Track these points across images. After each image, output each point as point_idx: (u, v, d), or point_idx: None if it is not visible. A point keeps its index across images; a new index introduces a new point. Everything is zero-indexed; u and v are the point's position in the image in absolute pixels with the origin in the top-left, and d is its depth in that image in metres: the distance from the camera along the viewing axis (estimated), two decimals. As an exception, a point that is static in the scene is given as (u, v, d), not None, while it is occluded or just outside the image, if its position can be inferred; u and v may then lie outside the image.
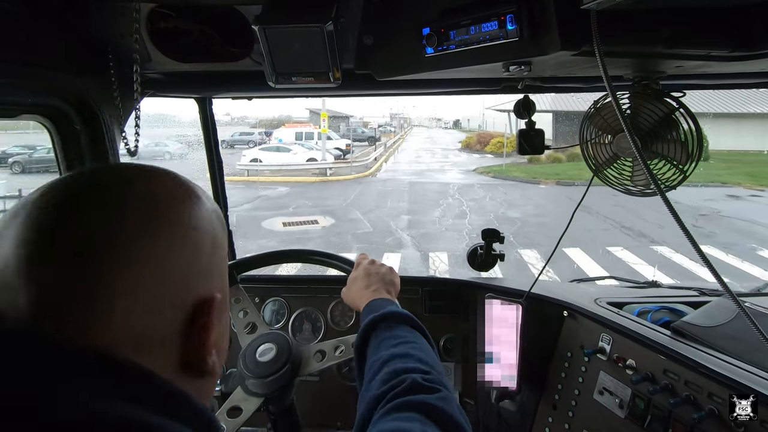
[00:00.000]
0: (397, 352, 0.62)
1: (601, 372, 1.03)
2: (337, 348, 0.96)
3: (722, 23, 0.69)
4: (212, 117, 1.41)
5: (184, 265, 0.37)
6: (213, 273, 0.40)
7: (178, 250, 0.36)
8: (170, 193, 0.39)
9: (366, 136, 31.62)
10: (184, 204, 0.39)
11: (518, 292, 1.23)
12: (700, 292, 1.27)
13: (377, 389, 0.56)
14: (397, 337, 0.67)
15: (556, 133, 19.64)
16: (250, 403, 0.90)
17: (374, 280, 0.87)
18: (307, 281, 1.44)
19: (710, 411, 0.81)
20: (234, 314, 1.07)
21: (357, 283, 0.89)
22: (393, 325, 0.70)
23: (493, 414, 1.28)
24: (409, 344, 0.64)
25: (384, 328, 0.70)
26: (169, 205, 0.38)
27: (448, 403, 0.51)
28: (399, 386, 0.54)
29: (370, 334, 0.70)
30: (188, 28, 0.90)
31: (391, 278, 0.90)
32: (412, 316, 0.73)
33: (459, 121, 65.69)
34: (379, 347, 0.66)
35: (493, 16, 0.70)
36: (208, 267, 0.39)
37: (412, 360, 0.60)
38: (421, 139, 40.96)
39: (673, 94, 0.85)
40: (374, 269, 0.91)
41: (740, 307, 0.65)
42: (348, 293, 0.91)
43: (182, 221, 0.38)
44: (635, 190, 0.93)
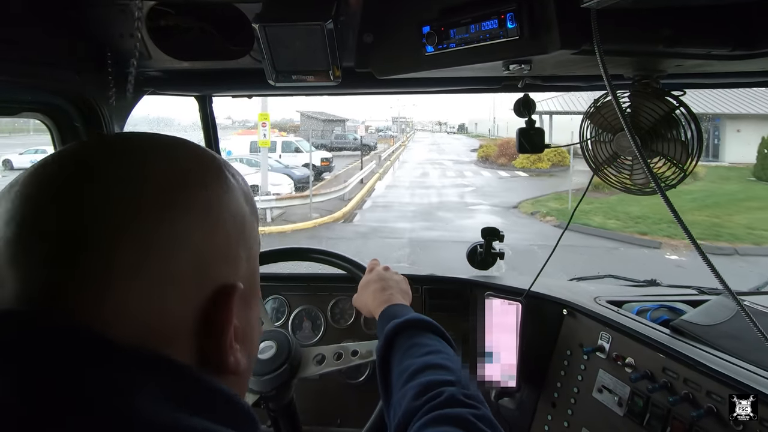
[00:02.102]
0: (430, 362, 0.60)
1: (601, 370, 1.04)
2: (336, 355, 0.95)
3: (723, 22, 0.69)
4: (212, 115, 1.40)
5: (204, 247, 0.33)
6: (237, 260, 0.36)
7: (197, 229, 0.33)
8: (193, 167, 0.35)
9: (353, 144, 25.42)
10: (209, 180, 0.35)
11: (518, 291, 1.23)
12: (699, 290, 1.27)
13: (412, 400, 0.54)
14: (425, 345, 0.65)
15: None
16: (246, 399, 0.90)
17: (390, 285, 0.86)
18: (308, 279, 1.44)
19: (709, 409, 0.81)
20: None
21: (371, 286, 0.87)
22: (418, 332, 0.68)
23: (492, 412, 1.28)
24: (440, 354, 0.63)
25: (409, 335, 0.68)
26: (192, 179, 0.34)
27: (485, 421, 0.51)
28: (436, 399, 0.53)
29: (394, 340, 0.68)
30: (188, 25, 0.90)
31: (406, 287, 0.89)
32: (435, 323, 0.71)
33: (465, 125, 64.15)
34: (407, 355, 0.64)
35: (494, 15, 0.70)
36: (232, 252, 0.36)
37: (448, 372, 0.58)
38: (425, 146, 34.68)
39: (673, 93, 0.85)
40: (389, 275, 0.90)
41: (740, 306, 0.65)
42: (360, 297, 0.89)
43: (204, 198, 0.34)
44: (635, 188, 0.93)
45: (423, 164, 21.36)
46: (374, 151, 25.10)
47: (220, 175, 0.36)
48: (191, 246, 0.32)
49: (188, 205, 0.33)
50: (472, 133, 53.68)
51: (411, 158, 24.74)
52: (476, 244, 1.40)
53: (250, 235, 0.39)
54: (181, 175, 0.34)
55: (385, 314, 0.77)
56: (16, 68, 0.82)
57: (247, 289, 0.37)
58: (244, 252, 0.37)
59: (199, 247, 0.33)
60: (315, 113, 32.43)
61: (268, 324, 1.03)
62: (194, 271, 0.32)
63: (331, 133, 29.58)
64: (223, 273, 0.34)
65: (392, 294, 0.83)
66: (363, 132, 23.16)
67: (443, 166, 20.58)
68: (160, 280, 0.30)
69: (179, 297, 0.31)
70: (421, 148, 32.26)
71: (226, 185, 0.36)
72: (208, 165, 0.36)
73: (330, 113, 34.12)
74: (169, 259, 0.31)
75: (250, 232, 0.39)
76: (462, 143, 35.66)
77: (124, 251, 0.29)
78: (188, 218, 0.32)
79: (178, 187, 0.33)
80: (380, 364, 0.67)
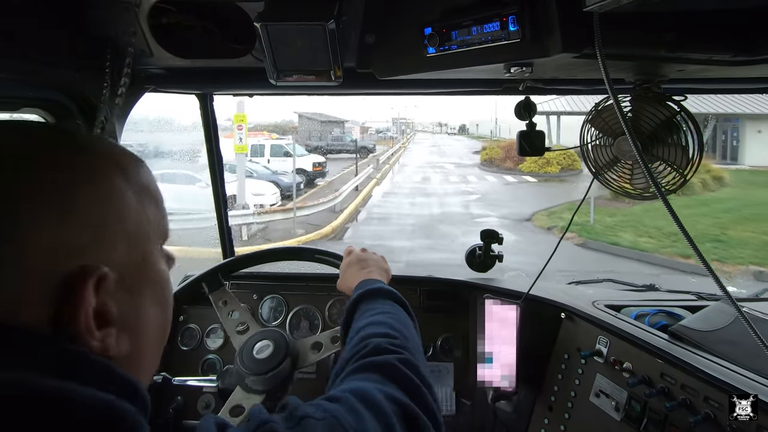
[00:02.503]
0: (372, 321, 0.65)
1: (598, 374, 1.03)
2: (333, 339, 0.97)
3: (725, 28, 0.69)
4: (213, 113, 1.40)
5: (50, 233, 0.33)
6: (108, 246, 0.36)
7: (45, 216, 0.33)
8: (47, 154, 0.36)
9: (351, 147, 23.02)
10: (60, 167, 0.36)
11: (516, 293, 1.23)
12: (698, 296, 1.27)
13: (346, 354, 0.58)
14: (376, 309, 0.69)
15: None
16: (251, 401, 0.90)
17: (369, 264, 0.90)
18: (305, 279, 1.44)
19: (706, 415, 0.81)
20: (223, 316, 1.09)
21: (351, 267, 0.91)
22: (379, 299, 0.73)
23: (489, 414, 1.28)
24: (386, 314, 0.67)
25: (367, 301, 0.73)
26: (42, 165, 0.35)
27: (408, 365, 0.52)
28: (363, 350, 0.56)
29: (357, 306, 0.73)
30: (190, 23, 0.90)
31: (385, 265, 0.93)
32: (396, 292, 0.75)
33: (465, 126, 63.78)
34: (361, 318, 0.68)
35: (495, 17, 0.70)
36: (105, 239, 0.36)
37: (383, 327, 0.62)
38: (426, 148, 32.85)
39: (674, 98, 0.85)
40: (367, 255, 0.94)
41: (739, 312, 0.65)
42: (342, 280, 0.92)
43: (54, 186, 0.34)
44: (635, 193, 0.93)
45: (423, 168, 19.79)
46: (372, 154, 23.94)
47: (78, 164, 0.37)
48: (41, 229, 0.33)
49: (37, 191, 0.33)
50: (473, 135, 52.63)
51: (411, 161, 23.02)
52: (475, 246, 1.41)
53: (136, 226, 0.39)
54: (31, 159, 0.35)
55: (358, 287, 0.80)
56: (18, 64, 0.82)
57: (129, 274, 0.38)
58: (122, 236, 0.38)
59: (50, 231, 0.33)
60: (313, 114, 31.76)
61: (255, 326, 1.04)
62: (45, 252, 0.33)
63: (329, 135, 27.95)
64: (81, 257, 0.34)
65: (371, 271, 0.87)
66: (359, 134, 21.25)
67: (445, 170, 18.97)
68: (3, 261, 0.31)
69: (28, 277, 0.32)
70: (421, 150, 30.80)
71: (85, 171, 0.37)
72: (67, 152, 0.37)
73: (329, 114, 33.25)
74: (9, 242, 0.32)
75: (136, 223, 0.39)
76: (463, 145, 33.62)
77: None
78: (34, 205, 0.33)
79: (25, 171, 0.34)
80: (342, 329, 0.72)
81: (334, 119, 32.80)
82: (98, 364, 0.34)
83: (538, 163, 16.01)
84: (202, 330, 1.38)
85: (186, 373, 1.16)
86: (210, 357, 1.36)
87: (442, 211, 10.99)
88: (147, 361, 0.41)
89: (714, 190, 12.01)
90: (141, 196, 0.40)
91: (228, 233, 1.52)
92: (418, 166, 20.39)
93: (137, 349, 0.39)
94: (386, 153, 24.46)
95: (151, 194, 0.42)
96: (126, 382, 0.35)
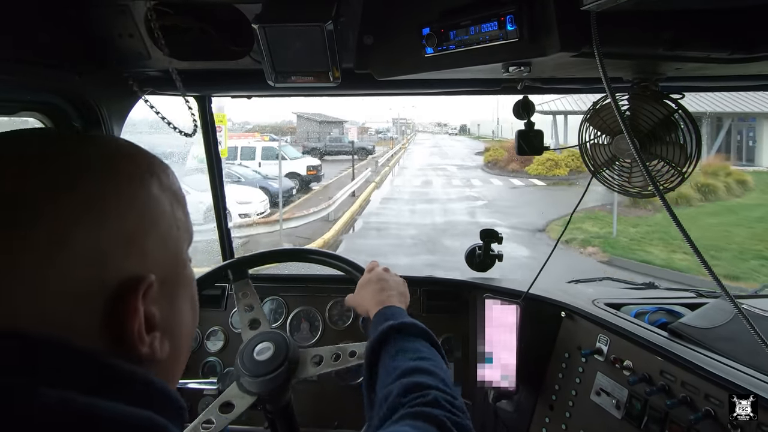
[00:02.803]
0: (420, 367, 0.61)
1: (598, 373, 1.03)
2: (335, 356, 0.95)
3: (722, 26, 0.69)
4: (211, 115, 1.40)
5: (95, 244, 0.33)
6: (146, 252, 0.36)
7: (83, 225, 0.33)
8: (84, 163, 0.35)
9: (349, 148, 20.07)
10: (105, 171, 0.36)
11: (516, 293, 1.23)
12: (697, 293, 1.27)
13: (398, 397, 0.56)
14: (418, 351, 0.66)
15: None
16: (242, 401, 0.89)
17: (389, 287, 0.87)
18: (306, 280, 1.44)
19: (706, 412, 0.81)
20: (239, 309, 1.08)
21: (370, 286, 0.88)
22: (412, 337, 0.69)
23: (489, 414, 1.28)
24: (430, 361, 0.64)
25: (403, 338, 0.69)
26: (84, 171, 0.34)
27: (462, 429, 0.52)
28: (421, 398, 0.54)
29: (387, 339, 0.69)
30: (188, 26, 0.90)
31: (405, 290, 0.89)
32: (429, 331, 0.72)
33: (466, 126, 63.13)
34: (398, 356, 0.65)
35: (493, 17, 0.70)
36: (141, 246, 0.36)
37: (437, 379, 0.59)
38: (426, 149, 32.18)
39: (672, 96, 0.85)
40: (389, 277, 0.90)
41: (738, 309, 0.65)
42: (357, 296, 0.90)
43: (91, 196, 0.34)
44: (633, 191, 0.93)
45: (425, 170, 18.91)
46: (372, 155, 23.29)
47: (120, 172, 0.37)
48: (78, 241, 0.32)
49: (81, 200, 0.33)
50: (474, 135, 51.80)
51: (411, 163, 22.11)
52: (475, 245, 1.41)
53: (170, 231, 0.39)
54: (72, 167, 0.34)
55: (381, 314, 0.78)
56: (15, 67, 0.81)
57: (167, 278, 0.39)
58: (160, 242, 0.38)
59: (87, 243, 0.33)
60: (312, 115, 31.42)
61: (265, 325, 1.03)
62: (89, 264, 0.32)
63: (327, 135, 27.27)
64: (126, 266, 0.35)
65: (390, 295, 0.84)
66: (355, 135, 19.11)
67: (447, 172, 18.10)
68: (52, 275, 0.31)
69: (75, 289, 0.32)
70: (422, 151, 30.12)
71: (122, 179, 0.37)
72: (108, 160, 0.37)
73: (328, 115, 32.98)
74: (54, 256, 0.31)
75: (169, 224, 0.39)
76: (465, 145, 33.17)
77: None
78: (73, 216, 0.32)
79: (68, 180, 0.33)
80: (368, 359, 0.69)
81: (333, 120, 32.43)
82: (139, 379, 0.34)
83: (545, 166, 15.14)
84: (203, 332, 1.38)
85: (186, 375, 1.15)
86: (210, 359, 1.36)
87: (445, 220, 10.07)
88: (181, 364, 0.43)
89: (739, 195, 11.23)
90: (172, 200, 0.41)
91: (228, 237, 1.52)
92: (419, 169, 19.64)
93: (175, 352, 0.40)
94: (386, 155, 23.64)
95: (179, 198, 0.42)
96: (164, 396, 0.35)
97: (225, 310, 1.41)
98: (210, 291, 1.38)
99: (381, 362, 0.67)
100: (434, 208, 11.37)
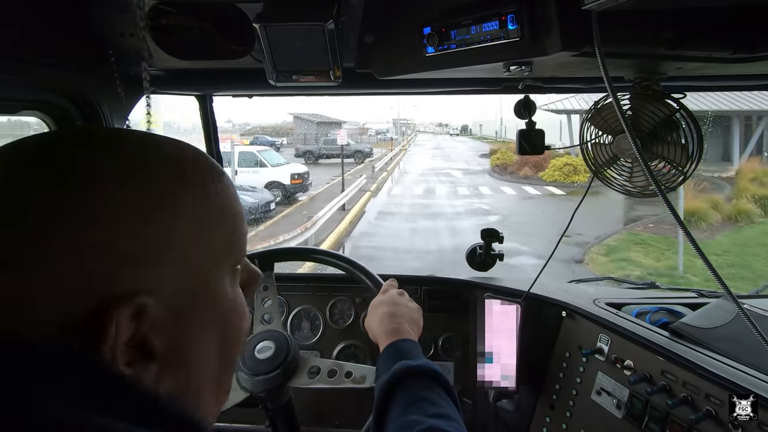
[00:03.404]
0: (438, 427, 0.57)
1: (599, 372, 1.03)
2: (331, 371, 0.92)
3: (724, 25, 0.69)
4: (213, 115, 1.40)
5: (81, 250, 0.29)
6: (157, 270, 0.32)
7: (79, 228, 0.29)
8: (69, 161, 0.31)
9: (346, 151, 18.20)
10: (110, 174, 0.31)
11: (517, 292, 1.23)
12: (699, 293, 1.27)
13: None
14: (436, 405, 0.61)
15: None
16: (235, 394, 0.90)
17: (401, 314, 0.82)
18: (306, 279, 1.44)
19: (707, 412, 0.81)
20: (257, 300, 1.07)
21: (380, 309, 0.84)
22: (429, 385, 0.64)
23: (490, 413, 1.28)
24: (450, 422, 0.59)
25: (419, 385, 0.63)
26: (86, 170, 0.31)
27: None
28: None
29: (400, 383, 0.64)
30: (189, 25, 0.90)
31: (418, 318, 0.85)
32: (444, 375, 0.67)
33: (468, 126, 62.13)
34: (414, 408, 0.60)
35: (494, 16, 0.70)
36: (145, 261, 0.31)
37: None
38: (428, 150, 30.51)
39: (673, 96, 0.85)
40: (403, 302, 0.86)
41: (740, 309, 0.65)
42: (370, 319, 0.85)
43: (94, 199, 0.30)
44: (635, 191, 0.93)
45: (426, 175, 17.03)
46: (369, 158, 21.29)
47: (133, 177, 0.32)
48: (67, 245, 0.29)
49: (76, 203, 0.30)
50: (476, 135, 50.46)
51: (412, 167, 20.30)
52: (476, 245, 1.40)
53: (197, 250, 0.34)
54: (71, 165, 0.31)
55: (391, 349, 0.73)
56: (16, 67, 0.82)
57: (182, 305, 0.33)
58: (176, 265, 0.33)
59: (73, 248, 0.29)
60: (310, 116, 30.18)
61: (276, 323, 1.03)
62: (73, 275, 0.29)
63: (323, 137, 25.15)
64: (121, 283, 0.30)
65: (401, 324, 0.79)
66: (344, 139, 16.74)
67: (452, 178, 16.28)
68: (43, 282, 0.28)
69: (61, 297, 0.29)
70: (423, 153, 28.32)
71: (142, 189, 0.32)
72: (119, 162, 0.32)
73: (326, 116, 31.58)
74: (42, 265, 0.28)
75: (197, 247, 0.34)
76: (468, 147, 31.40)
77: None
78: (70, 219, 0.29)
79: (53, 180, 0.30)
80: (380, 402, 0.63)
81: (332, 120, 30.97)
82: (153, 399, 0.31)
83: (562, 171, 13.12)
84: None
85: None
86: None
87: (454, 243, 8.12)
88: (205, 398, 0.36)
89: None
90: (210, 214, 0.35)
91: None
92: (420, 174, 17.98)
93: (190, 386, 0.34)
94: (384, 158, 21.95)
95: (225, 212, 0.37)
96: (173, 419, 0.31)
97: None
98: None
99: (392, 410, 0.61)
100: (439, 226, 9.66)
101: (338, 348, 1.35)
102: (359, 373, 0.90)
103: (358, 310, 1.38)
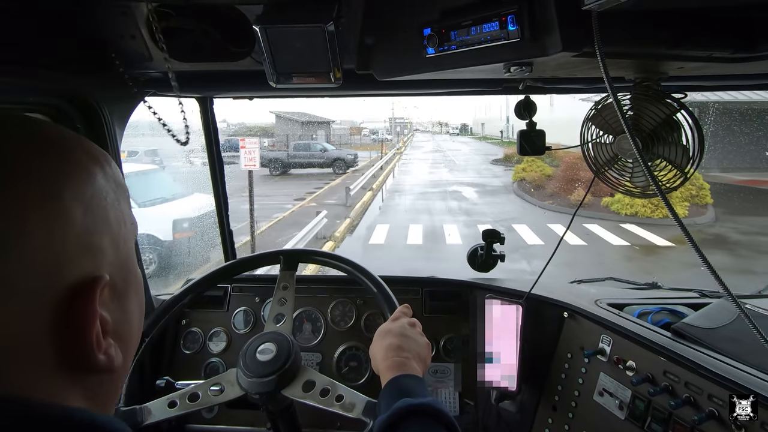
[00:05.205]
0: None
1: (601, 373, 1.03)
2: (323, 390, 0.91)
3: (724, 25, 0.69)
4: (213, 117, 1.41)
5: (48, 242, 0.30)
6: (100, 249, 0.33)
7: (37, 222, 0.29)
8: (22, 148, 0.31)
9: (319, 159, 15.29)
10: (46, 168, 0.31)
11: (518, 293, 1.22)
12: (700, 293, 1.27)
13: None
14: None
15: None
16: (232, 389, 0.91)
17: (408, 347, 0.77)
18: (307, 281, 1.44)
19: (710, 412, 0.81)
20: (275, 298, 1.07)
21: (387, 339, 0.79)
22: (432, 423, 0.61)
23: (492, 414, 1.28)
24: None
25: (422, 423, 0.60)
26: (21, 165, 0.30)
27: None
28: None
29: (402, 420, 0.61)
30: (189, 27, 0.90)
31: (426, 355, 0.80)
32: (449, 415, 0.63)
33: (468, 125, 60.93)
34: None
35: (494, 17, 0.70)
36: (93, 242, 0.33)
37: None
38: (427, 154, 26.61)
39: (674, 96, 0.85)
40: (411, 334, 0.81)
41: (741, 309, 0.65)
42: (375, 346, 0.81)
43: (40, 189, 0.30)
44: (635, 191, 0.93)
45: (427, 196, 12.04)
46: (353, 168, 16.85)
47: (61, 160, 0.33)
48: (32, 242, 0.29)
49: (23, 197, 0.29)
50: (477, 135, 48.10)
51: (408, 179, 15.53)
52: (477, 246, 1.40)
53: (119, 227, 0.36)
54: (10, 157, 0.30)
55: (394, 385, 0.69)
56: (18, 69, 0.82)
57: (118, 278, 0.35)
58: (109, 240, 0.35)
59: (42, 242, 0.29)
60: (294, 114, 26.03)
61: (287, 325, 1.02)
62: (39, 268, 0.29)
63: (312, 138, 22.17)
64: (80, 266, 0.31)
65: (407, 359, 0.75)
66: (324, 139, 14.18)
67: (467, 203, 11.07)
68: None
69: (21, 300, 0.28)
70: (422, 158, 24.27)
71: (71, 169, 0.33)
72: (35, 144, 0.32)
73: (313, 114, 27.35)
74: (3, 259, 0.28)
75: (118, 224, 0.36)
76: (472, 149, 27.94)
77: None
78: (23, 213, 0.29)
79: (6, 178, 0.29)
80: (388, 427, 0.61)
81: (319, 120, 27.41)
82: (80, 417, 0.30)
83: (649, 205, 7.76)
84: (205, 333, 1.38)
85: (189, 377, 1.16)
86: (213, 360, 1.36)
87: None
88: (126, 373, 0.39)
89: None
90: (117, 194, 0.37)
91: (230, 237, 1.53)
92: (420, 193, 12.66)
93: (125, 361, 0.37)
94: (371, 168, 15.93)
95: (124, 191, 0.39)
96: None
97: (227, 311, 1.41)
98: (212, 292, 1.38)
99: None
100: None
101: (339, 350, 1.35)
102: (350, 399, 0.88)
103: (360, 311, 1.38)
